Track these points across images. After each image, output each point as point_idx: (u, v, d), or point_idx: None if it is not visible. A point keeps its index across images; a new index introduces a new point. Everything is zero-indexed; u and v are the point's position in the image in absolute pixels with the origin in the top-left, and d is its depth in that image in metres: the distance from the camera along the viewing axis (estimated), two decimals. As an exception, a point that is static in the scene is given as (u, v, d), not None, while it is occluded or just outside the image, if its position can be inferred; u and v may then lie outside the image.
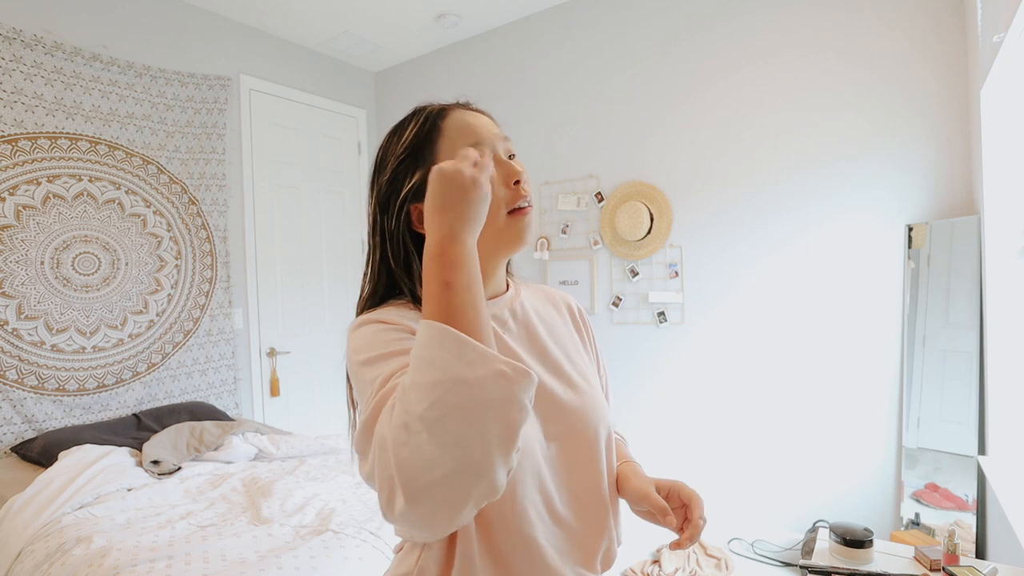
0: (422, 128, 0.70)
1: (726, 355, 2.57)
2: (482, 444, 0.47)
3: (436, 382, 0.47)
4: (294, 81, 3.32)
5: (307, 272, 3.38)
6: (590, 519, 0.71)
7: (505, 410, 0.48)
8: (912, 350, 2.11)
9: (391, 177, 0.70)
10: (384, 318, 0.64)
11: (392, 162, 0.70)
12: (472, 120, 0.70)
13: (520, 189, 0.69)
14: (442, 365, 0.48)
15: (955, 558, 1.23)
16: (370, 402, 0.54)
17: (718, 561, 2.25)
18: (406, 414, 0.48)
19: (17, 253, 2.25)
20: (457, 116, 0.70)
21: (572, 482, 0.70)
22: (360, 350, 0.61)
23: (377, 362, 0.58)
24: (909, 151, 2.13)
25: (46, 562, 1.46)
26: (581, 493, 0.71)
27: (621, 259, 2.83)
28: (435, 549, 0.64)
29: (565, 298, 0.87)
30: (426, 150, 0.69)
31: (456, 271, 0.54)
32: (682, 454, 2.69)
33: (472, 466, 0.47)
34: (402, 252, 0.70)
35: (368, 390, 0.56)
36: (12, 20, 2.25)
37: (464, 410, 0.47)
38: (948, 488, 1.96)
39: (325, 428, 3.37)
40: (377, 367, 0.57)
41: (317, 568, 1.34)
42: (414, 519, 0.48)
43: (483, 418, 0.47)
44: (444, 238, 0.55)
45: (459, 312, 0.52)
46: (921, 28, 2.09)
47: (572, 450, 0.71)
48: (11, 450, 2.19)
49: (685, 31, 2.62)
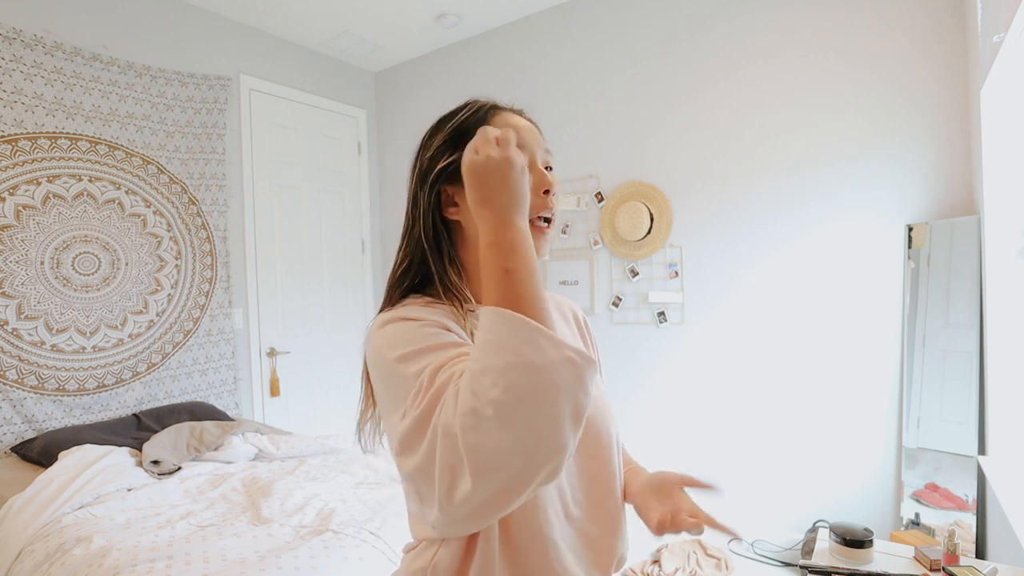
0: (471, 116, 0.72)
1: (726, 355, 2.57)
2: (554, 427, 0.48)
3: (508, 366, 0.48)
4: (294, 81, 3.32)
5: (307, 272, 3.38)
6: (603, 522, 0.72)
7: (575, 394, 0.49)
8: (912, 350, 2.11)
9: (433, 154, 0.72)
10: (412, 315, 0.63)
11: (438, 140, 0.72)
12: (519, 123, 0.72)
13: (548, 200, 0.70)
14: (514, 350, 0.49)
15: (955, 558, 1.23)
16: (423, 394, 0.53)
17: (718, 561, 2.25)
18: (475, 399, 0.48)
19: (17, 253, 2.25)
20: (507, 116, 0.73)
21: (586, 484, 0.71)
22: (394, 346, 0.60)
23: (419, 356, 0.57)
24: (909, 151, 2.13)
25: (46, 562, 1.46)
26: (595, 495, 0.71)
27: (621, 259, 2.83)
28: (453, 545, 0.64)
29: (571, 306, 0.89)
30: (469, 137, 0.70)
31: (514, 257, 0.54)
32: (682, 454, 2.69)
33: (543, 448, 0.48)
34: (432, 231, 0.71)
35: (412, 384, 0.55)
36: (12, 20, 2.25)
37: (538, 394, 0.47)
38: (948, 488, 1.96)
39: (325, 428, 3.37)
40: (421, 360, 0.57)
41: (317, 568, 1.34)
42: (476, 503, 0.48)
43: (556, 402, 0.48)
44: (497, 225, 0.56)
45: (522, 299, 0.53)
46: (921, 28, 2.09)
47: (587, 452, 0.71)
48: (11, 450, 2.19)
49: (685, 31, 2.62)
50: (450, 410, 0.50)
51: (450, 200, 0.71)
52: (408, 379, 0.56)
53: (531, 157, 0.71)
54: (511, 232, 0.55)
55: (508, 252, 0.55)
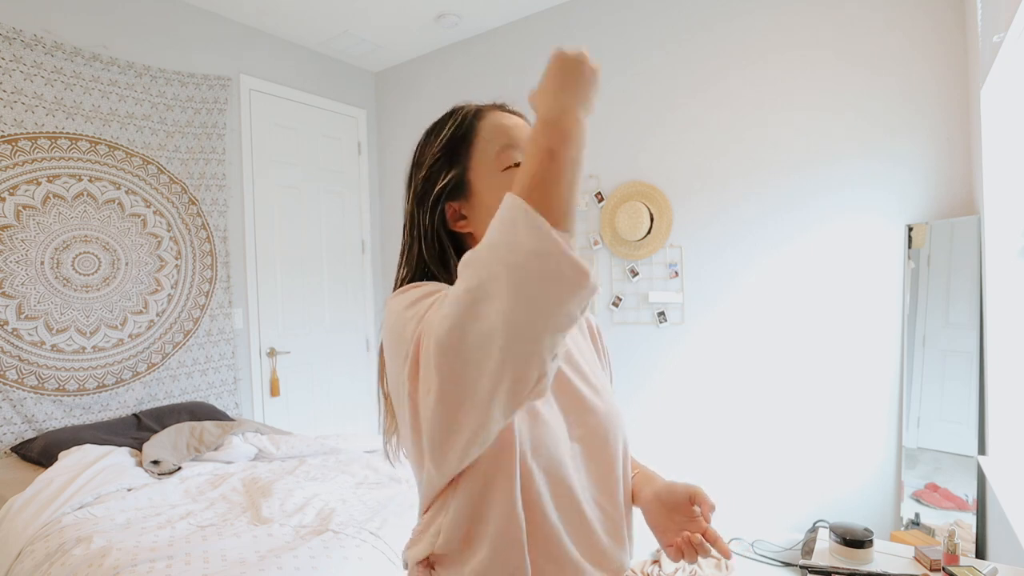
0: (458, 128, 0.71)
1: (726, 355, 2.57)
2: (544, 312, 0.46)
3: (496, 260, 0.48)
4: (294, 81, 3.32)
5: (307, 272, 3.38)
6: (606, 524, 0.72)
7: (569, 295, 0.47)
8: (912, 350, 2.11)
9: (427, 175, 0.71)
10: (429, 286, 0.63)
11: (428, 160, 0.71)
12: (507, 122, 0.71)
13: None
14: (514, 244, 0.47)
15: (955, 558, 1.23)
16: (418, 321, 0.55)
17: (718, 561, 2.25)
18: (471, 278, 0.49)
19: (17, 253, 2.25)
20: (493, 118, 0.71)
21: (592, 485, 0.71)
22: (407, 302, 0.60)
23: (426, 298, 0.58)
24: (909, 151, 2.13)
25: (46, 562, 1.46)
26: (599, 497, 0.71)
27: (621, 259, 2.83)
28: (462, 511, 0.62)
29: None
30: (461, 150, 0.70)
31: (566, 142, 0.50)
32: (682, 454, 2.69)
33: (524, 330, 0.46)
34: (436, 248, 0.70)
35: (413, 322, 0.57)
36: (12, 20, 2.25)
37: (538, 278, 0.46)
38: (948, 488, 1.96)
39: (325, 428, 3.37)
40: (427, 301, 0.58)
41: (317, 568, 1.34)
42: (453, 358, 0.49)
43: (557, 290, 0.46)
44: (560, 110, 0.52)
45: (555, 185, 0.49)
46: (921, 28, 2.09)
47: (594, 453, 0.71)
48: (11, 450, 2.19)
49: (685, 31, 2.62)
50: (437, 307, 0.52)
51: (457, 215, 0.71)
52: (411, 320, 0.57)
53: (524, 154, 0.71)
54: (571, 121, 0.52)
55: (562, 135, 0.50)
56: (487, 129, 0.70)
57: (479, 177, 0.70)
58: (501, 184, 0.68)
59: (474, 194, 0.70)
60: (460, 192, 0.70)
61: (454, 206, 0.71)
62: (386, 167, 3.82)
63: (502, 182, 0.68)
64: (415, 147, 0.76)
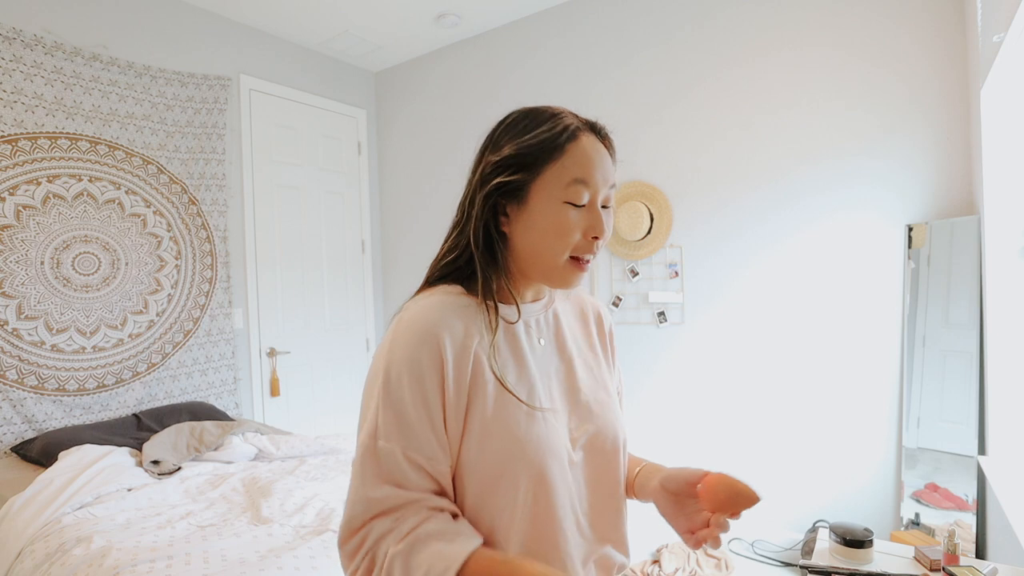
0: (548, 141, 0.67)
1: (726, 355, 2.57)
2: None
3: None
4: (294, 81, 3.32)
5: (307, 272, 3.38)
6: (602, 528, 0.72)
7: None
8: (912, 350, 2.11)
9: (498, 162, 0.68)
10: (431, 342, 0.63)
11: (506, 149, 0.68)
12: (594, 155, 0.68)
13: (593, 245, 0.68)
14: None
15: (955, 558, 1.23)
16: (363, 463, 0.62)
17: (718, 561, 2.25)
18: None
19: (17, 253, 2.25)
20: (584, 144, 0.68)
21: (589, 491, 0.71)
22: (388, 367, 0.63)
23: (386, 409, 0.62)
24: (909, 150, 2.13)
25: (46, 562, 1.45)
26: (596, 501, 0.72)
27: (621, 259, 2.83)
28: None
29: (595, 307, 0.86)
30: (539, 162, 0.67)
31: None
32: (682, 454, 2.69)
33: None
34: (482, 238, 0.69)
35: (365, 427, 0.64)
36: (12, 20, 2.25)
37: None
38: (948, 488, 1.96)
39: (325, 428, 3.37)
40: (384, 414, 0.62)
41: (317, 568, 1.34)
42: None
43: None
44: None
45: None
46: (922, 27, 2.09)
47: (593, 456, 0.72)
48: (11, 450, 2.19)
49: (685, 30, 2.62)
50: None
51: (503, 210, 0.70)
52: (367, 412, 0.64)
53: (592, 195, 0.68)
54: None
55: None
56: (572, 154, 0.67)
57: (539, 193, 0.67)
58: (556, 212, 0.66)
59: (527, 204, 0.68)
60: (516, 196, 0.68)
61: (502, 202, 0.69)
62: (386, 167, 3.82)
63: (557, 210, 0.66)
64: (500, 123, 0.72)
